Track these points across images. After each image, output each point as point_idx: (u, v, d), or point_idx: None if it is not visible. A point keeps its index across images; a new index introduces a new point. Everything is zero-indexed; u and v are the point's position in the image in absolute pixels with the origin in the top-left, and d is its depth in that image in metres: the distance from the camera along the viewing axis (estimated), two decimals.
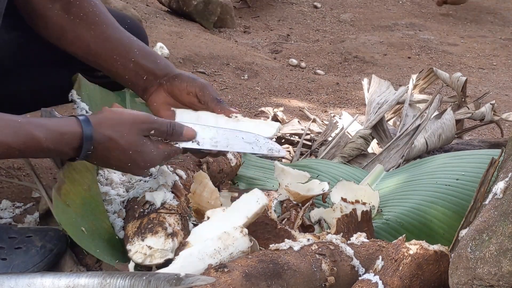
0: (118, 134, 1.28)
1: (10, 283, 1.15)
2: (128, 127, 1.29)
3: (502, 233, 1.14)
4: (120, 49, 1.47)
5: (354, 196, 1.58)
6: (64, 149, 1.25)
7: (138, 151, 1.29)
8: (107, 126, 1.28)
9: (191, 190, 1.53)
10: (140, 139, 1.29)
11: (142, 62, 1.47)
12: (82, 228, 1.34)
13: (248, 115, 2.85)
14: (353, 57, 4.17)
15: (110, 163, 1.31)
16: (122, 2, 3.79)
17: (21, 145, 1.20)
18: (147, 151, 1.30)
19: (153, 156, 1.32)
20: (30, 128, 1.22)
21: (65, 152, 1.26)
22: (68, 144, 1.24)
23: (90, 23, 1.46)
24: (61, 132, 1.24)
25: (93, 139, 1.25)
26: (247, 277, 1.14)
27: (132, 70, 1.46)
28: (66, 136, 1.24)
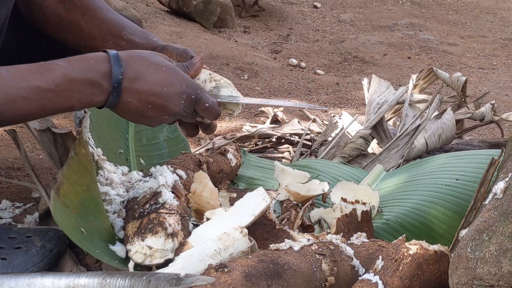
0: (149, 55, 1.25)
1: (10, 283, 1.15)
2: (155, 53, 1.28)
3: (502, 233, 1.14)
4: (113, 29, 1.46)
5: (354, 196, 1.58)
6: (94, 77, 1.19)
7: (171, 67, 1.24)
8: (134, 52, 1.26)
9: (191, 190, 1.53)
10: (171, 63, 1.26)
11: (133, 39, 1.45)
12: (82, 229, 1.34)
13: (248, 115, 2.85)
14: (353, 57, 4.18)
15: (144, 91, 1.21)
16: (122, 2, 3.79)
17: (50, 83, 1.15)
18: (181, 74, 1.26)
19: (186, 79, 1.25)
20: (56, 63, 1.18)
21: (96, 81, 1.19)
22: (97, 69, 1.19)
23: (84, 9, 1.46)
24: (87, 59, 1.21)
25: (121, 58, 1.21)
26: (247, 277, 1.14)
27: (123, 47, 1.44)
28: (92, 61, 1.20)
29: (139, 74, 1.22)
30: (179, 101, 1.24)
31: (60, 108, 1.19)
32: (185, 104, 1.25)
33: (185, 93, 1.25)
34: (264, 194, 1.35)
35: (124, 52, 1.24)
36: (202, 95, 1.28)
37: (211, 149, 2.10)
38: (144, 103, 1.23)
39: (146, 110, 1.24)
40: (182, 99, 1.25)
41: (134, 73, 1.22)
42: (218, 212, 1.35)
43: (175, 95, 1.24)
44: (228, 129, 2.63)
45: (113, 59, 1.21)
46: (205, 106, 1.28)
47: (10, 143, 2.02)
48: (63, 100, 1.18)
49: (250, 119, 2.80)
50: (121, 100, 1.22)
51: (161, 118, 1.26)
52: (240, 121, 2.74)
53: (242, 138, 2.37)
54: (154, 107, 1.24)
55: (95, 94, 1.20)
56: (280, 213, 1.61)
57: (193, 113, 1.30)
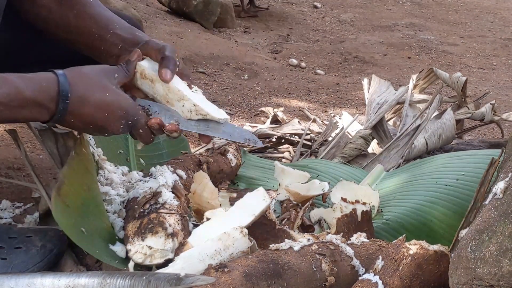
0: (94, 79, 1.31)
1: (10, 283, 1.15)
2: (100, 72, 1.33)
3: (502, 233, 1.14)
4: (100, 23, 1.48)
5: (354, 196, 1.58)
6: (44, 100, 1.25)
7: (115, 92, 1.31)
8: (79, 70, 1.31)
9: (191, 190, 1.53)
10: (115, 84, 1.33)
11: (119, 33, 1.48)
12: (82, 229, 1.34)
13: (248, 115, 2.85)
14: (353, 57, 4.18)
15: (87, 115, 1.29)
16: (122, 2, 3.79)
17: (5, 96, 1.20)
18: (123, 96, 1.33)
19: (128, 103, 1.33)
20: (11, 78, 1.23)
21: (45, 104, 1.25)
22: (47, 92, 1.25)
23: (74, 4, 1.48)
24: (39, 81, 1.26)
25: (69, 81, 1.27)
26: (247, 277, 1.14)
27: (108, 40, 1.47)
28: (45, 83, 1.26)
29: (83, 99, 1.29)
30: (118, 125, 1.33)
31: (4, 119, 1.26)
32: (124, 127, 1.34)
33: (124, 119, 1.33)
34: (264, 194, 1.35)
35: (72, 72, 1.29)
36: (139, 121, 1.35)
37: (211, 149, 2.10)
38: (86, 124, 1.31)
39: (87, 128, 1.33)
40: (121, 124, 1.33)
41: (80, 97, 1.28)
42: (218, 212, 1.35)
43: (115, 120, 1.32)
44: None
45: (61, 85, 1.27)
46: (139, 132, 1.37)
47: (10, 143, 2.02)
48: (10, 114, 1.24)
49: (250, 119, 2.80)
50: (64, 120, 1.29)
51: (101, 134, 1.36)
52: (240, 121, 2.74)
53: None
54: (94, 127, 1.32)
55: (42, 114, 1.27)
56: (280, 213, 1.61)
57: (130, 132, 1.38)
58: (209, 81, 3.40)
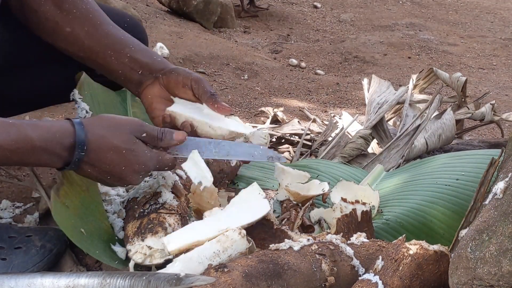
0: (111, 133, 1.27)
1: (10, 283, 1.15)
2: (120, 127, 1.28)
3: (502, 233, 1.14)
4: (115, 44, 1.46)
5: (354, 196, 1.58)
6: (56, 149, 1.22)
7: (131, 150, 1.28)
8: (99, 126, 1.27)
9: (191, 190, 1.53)
10: (132, 138, 1.28)
11: (137, 57, 1.46)
12: (82, 230, 1.34)
13: (248, 115, 2.85)
14: (353, 57, 4.17)
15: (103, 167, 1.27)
16: (122, 2, 3.79)
17: (12, 144, 1.18)
18: (140, 151, 1.29)
19: (146, 158, 1.30)
20: (21, 126, 1.20)
21: (57, 153, 1.23)
22: (60, 142, 1.22)
23: (83, 20, 1.46)
24: (53, 131, 1.23)
25: (86, 136, 1.24)
26: (247, 277, 1.14)
27: (126, 64, 1.46)
28: (58, 134, 1.23)
29: (100, 155, 1.26)
30: (137, 176, 1.31)
31: (14, 163, 1.25)
32: (143, 177, 1.33)
33: (143, 170, 1.30)
34: (259, 189, 1.38)
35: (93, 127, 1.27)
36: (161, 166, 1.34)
37: None
38: (103, 175, 1.29)
39: (106, 180, 1.31)
40: (140, 175, 1.31)
41: (96, 153, 1.26)
42: (215, 211, 1.35)
43: (133, 173, 1.29)
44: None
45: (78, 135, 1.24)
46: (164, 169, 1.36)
47: None
48: (18, 159, 1.22)
49: (250, 119, 2.80)
50: (80, 169, 1.28)
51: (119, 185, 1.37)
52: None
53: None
54: (112, 179, 1.30)
55: (54, 162, 1.25)
56: (280, 213, 1.61)
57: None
58: (209, 81, 3.38)
